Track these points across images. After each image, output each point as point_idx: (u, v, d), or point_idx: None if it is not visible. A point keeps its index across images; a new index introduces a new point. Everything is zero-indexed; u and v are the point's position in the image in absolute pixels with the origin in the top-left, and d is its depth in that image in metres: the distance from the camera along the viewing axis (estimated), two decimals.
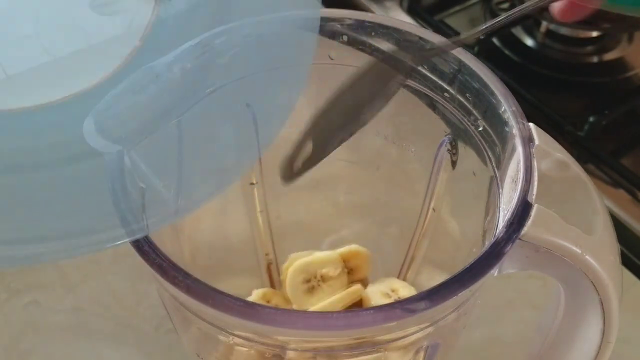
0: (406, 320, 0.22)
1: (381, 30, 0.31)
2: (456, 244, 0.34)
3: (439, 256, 0.37)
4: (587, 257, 0.24)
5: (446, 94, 0.31)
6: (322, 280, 0.34)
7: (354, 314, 0.22)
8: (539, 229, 0.23)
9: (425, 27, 0.58)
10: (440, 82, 0.31)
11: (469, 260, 0.22)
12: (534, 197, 0.24)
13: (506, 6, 0.65)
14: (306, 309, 0.33)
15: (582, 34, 0.61)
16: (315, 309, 0.33)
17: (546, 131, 0.27)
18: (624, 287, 0.26)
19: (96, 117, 0.26)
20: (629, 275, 0.45)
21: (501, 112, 0.27)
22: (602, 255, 0.25)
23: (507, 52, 0.62)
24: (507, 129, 0.27)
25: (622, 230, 0.47)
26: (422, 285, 0.37)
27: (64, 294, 0.43)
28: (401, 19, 0.62)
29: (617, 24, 0.55)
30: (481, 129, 0.29)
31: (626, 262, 0.47)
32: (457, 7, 0.66)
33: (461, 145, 0.32)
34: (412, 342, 0.25)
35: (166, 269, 0.22)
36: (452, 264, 0.34)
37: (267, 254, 0.40)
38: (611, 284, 0.25)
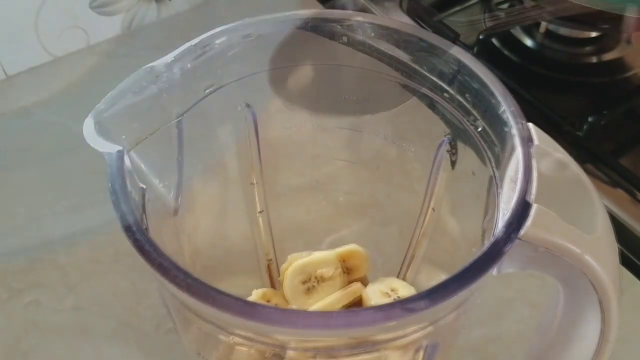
0: (406, 319, 0.22)
1: (381, 31, 0.31)
2: (456, 243, 0.34)
3: (439, 256, 0.37)
4: (586, 256, 0.24)
5: (446, 94, 0.31)
6: (320, 281, 0.34)
7: (353, 314, 0.22)
8: (538, 229, 0.23)
9: (424, 28, 0.58)
10: (439, 82, 0.31)
11: (469, 259, 0.22)
12: (533, 197, 0.24)
13: (505, 6, 0.65)
14: (305, 309, 0.34)
15: (581, 34, 0.61)
16: (314, 308, 0.33)
17: (545, 131, 0.27)
18: (623, 286, 0.26)
19: (96, 117, 0.26)
20: (628, 275, 0.45)
21: (500, 112, 0.27)
22: (601, 255, 0.25)
23: (506, 52, 0.62)
24: (506, 129, 0.27)
25: (621, 230, 0.47)
26: (421, 284, 0.37)
27: (65, 294, 0.43)
28: (401, 19, 0.62)
29: (616, 24, 0.55)
30: (480, 129, 0.29)
31: (625, 261, 0.47)
32: (457, 8, 0.67)
33: (461, 145, 0.32)
34: (412, 341, 0.25)
35: (167, 268, 0.22)
36: (452, 263, 0.34)
37: (267, 254, 0.40)
38: (610, 283, 0.25)
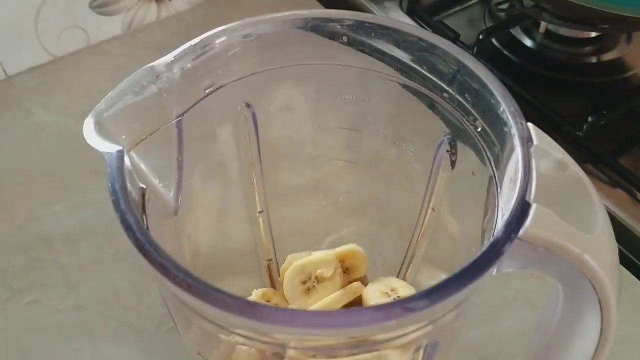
0: (406, 319, 0.22)
1: (381, 30, 0.31)
2: (455, 243, 0.34)
3: (438, 255, 0.37)
4: (585, 256, 0.24)
5: (445, 94, 0.31)
6: (319, 281, 0.34)
7: (353, 313, 0.22)
8: (538, 229, 0.23)
9: (424, 28, 0.58)
10: (439, 82, 0.31)
11: (468, 259, 0.23)
12: (533, 196, 0.24)
13: (505, 7, 0.65)
14: (305, 309, 0.34)
15: (580, 34, 0.61)
16: (314, 308, 0.33)
17: (545, 131, 0.27)
18: (622, 286, 0.26)
19: (96, 117, 0.27)
20: (628, 274, 0.45)
21: (500, 112, 0.27)
22: (600, 254, 0.25)
23: (506, 52, 0.62)
24: (505, 129, 0.27)
25: (620, 229, 0.47)
26: (421, 284, 0.37)
27: (66, 293, 0.43)
28: (401, 19, 0.62)
29: (616, 24, 0.55)
30: (480, 129, 0.29)
31: (625, 261, 0.47)
32: (457, 8, 0.67)
33: (460, 145, 0.32)
34: (412, 340, 0.25)
35: (167, 268, 0.22)
36: (451, 263, 0.34)
37: (267, 254, 0.40)
38: (609, 283, 0.25)
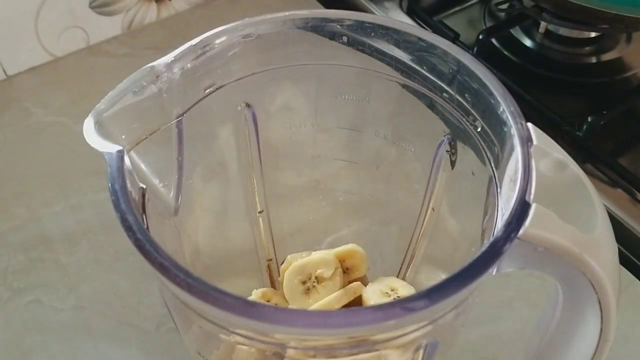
0: (405, 319, 0.22)
1: (381, 31, 0.31)
2: (455, 243, 0.34)
3: (438, 255, 0.37)
4: (585, 256, 0.24)
5: (445, 94, 0.31)
6: (319, 281, 0.34)
7: (353, 313, 0.22)
8: (537, 228, 0.23)
9: (424, 28, 0.58)
10: (439, 82, 0.31)
11: (468, 259, 0.23)
12: (532, 196, 0.24)
13: (505, 7, 0.65)
14: (305, 309, 0.34)
15: (580, 34, 0.61)
16: (314, 308, 0.33)
17: (545, 131, 0.27)
18: (621, 286, 0.26)
19: (96, 117, 0.27)
20: (627, 274, 0.45)
21: (500, 112, 0.27)
22: (600, 254, 0.25)
23: (506, 52, 0.62)
24: (505, 129, 0.27)
25: (620, 229, 0.47)
26: (421, 284, 0.37)
27: (66, 293, 0.43)
28: (400, 19, 0.62)
29: (616, 24, 0.55)
30: (480, 129, 0.29)
31: (624, 261, 0.47)
32: (457, 8, 0.67)
33: (460, 145, 0.32)
34: (411, 340, 0.25)
35: (168, 267, 0.22)
36: (451, 263, 0.34)
37: (267, 254, 0.40)
38: (609, 282, 0.25)
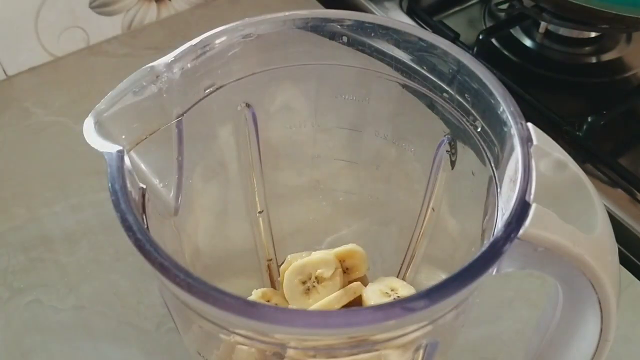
0: (405, 319, 0.22)
1: (381, 31, 0.31)
2: (455, 243, 0.34)
3: (438, 255, 0.37)
4: (585, 256, 0.24)
5: (445, 95, 0.31)
6: (319, 281, 0.34)
7: (353, 313, 0.22)
8: (537, 228, 0.23)
9: (424, 28, 0.58)
10: (439, 82, 0.31)
11: (468, 259, 0.23)
12: (532, 196, 0.24)
13: (505, 7, 0.65)
14: (305, 309, 0.34)
15: (580, 34, 0.61)
16: (314, 308, 0.33)
17: (545, 131, 0.27)
18: (621, 286, 0.26)
19: (96, 117, 0.27)
20: (627, 274, 0.45)
21: (500, 112, 0.27)
22: (600, 254, 0.25)
23: (506, 52, 0.62)
24: (505, 129, 0.27)
25: (620, 229, 0.47)
26: (421, 284, 0.37)
27: (66, 293, 0.43)
28: (400, 19, 0.62)
29: (616, 24, 0.55)
30: (480, 129, 0.29)
31: (624, 261, 0.47)
32: (457, 8, 0.67)
33: (460, 145, 0.32)
34: (411, 340, 0.25)
35: (168, 267, 0.22)
36: (451, 263, 0.34)
37: (267, 254, 0.40)
38: (609, 282, 0.25)
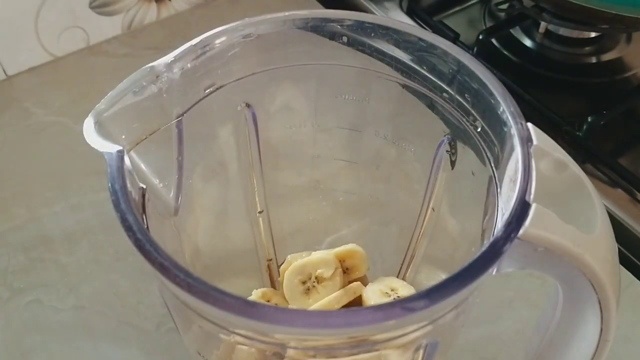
0: (405, 319, 0.22)
1: (381, 31, 0.31)
2: (455, 243, 0.34)
3: (438, 255, 0.37)
4: (585, 256, 0.24)
5: (445, 95, 0.31)
6: (318, 281, 0.34)
7: (353, 313, 0.22)
8: (537, 228, 0.23)
9: (424, 28, 0.58)
10: (439, 82, 0.31)
11: (468, 259, 0.23)
12: (532, 196, 0.24)
13: (505, 7, 0.65)
14: (305, 309, 0.34)
15: (580, 34, 0.61)
16: (314, 308, 0.33)
17: (545, 131, 0.27)
18: (621, 286, 0.26)
19: (96, 117, 0.27)
20: (627, 274, 0.45)
21: (500, 112, 0.27)
22: (600, 254, 0.25)
23: (506, 52, 0.62)
24: (505, 129, 0.27)
25: (620, 229, 0.47)
26: (421, 284, 0.37)
27: (66, 293, 0.43)
28: (401, 19, 0.62)
29: (616, 24, 0.55)
30: (480, 129, 0.29)
31: (624, 261, 0.47)
32: (457, 8, 0.67)
33: (460, 145, 0.32)
34: (411, 340, 0.25)
35: (168, 267, 0.22)
36: (451, 263, 0.34)
37: (267, 254, 0.40)
38: (609, 282, 0.25)
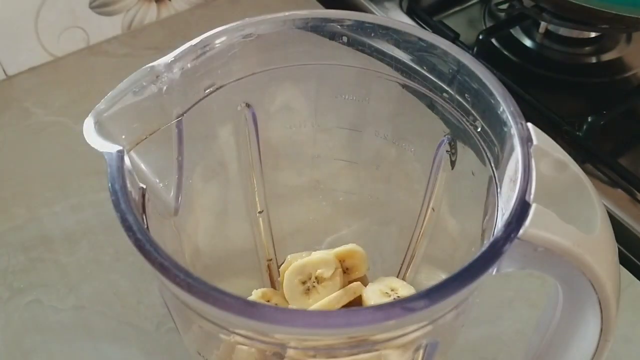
0: (405, 319, 0.22)
1: (381, 31, 0.31)
2: (455, 243, 0.34)
3: (438, 255, 0.37)
4: (585, 256, 0.24)
5: (445, 95, 0.31)
6: (318, 281, 0.34)
7: (353, 313, 0.22)
8: (537, 228, 0.23)
9: (424, 28, 0.58)
10: (439, 82, 0.31)
11: (468, 259, 0.23)
12: (532, 196, 0.24)
13: (505, 7, 0.65)
14: (304, 310, 0.34)
15: (580, 34, 0.61)
16: (314, 308, 0.33)
17: (545, 131, 0.27)
18: (621, 286, 0.26)
19: (96, 117, 0.27)
20: (627, 274, 0.45)
21: (500, 112, 0.27)
22: (600, 254, 0.25)
23: (506, 52, 0.62)
24: (505, 129, 0.27)
25: (620, 229, 0.47)
26: (421, 284, 0.37)
27: (66, 293, 0.43)
28: (400, 19, 0.62)
29: (616, 24, 0.55)
30: (480, 129, 0.29)
31: (624, 261, 0.47)
32: (457, 8, 0.67)
33: (460, 145, 0.32)
34: (411, 340, 0.25)
35: (167, 267, 0.22)
36: (451, 263, 0.34)
37: (267, 254, 0.40)
38: (609, 282, 0.25)
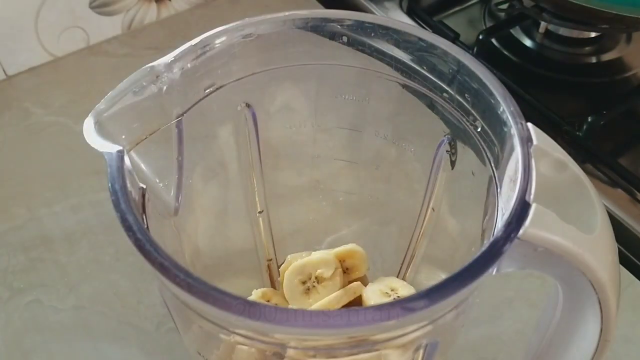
0: (405, 318, 0.22)
1: (381, 31, 0.31)
2: (455, 243, 0.34)
3: (438, 255, 0.37)
4: (585, 256, 0.24)
5: (445, 95, 0.31)
6: (318, 281, 0.34)
7: (353, 313, 0.22)
8: (537, 228, 0.23)
9: (424, 28, 0.58)
10: (439, 82, 0.31)
11: (468, 259, 0.23)
12: (532, 196, 0.24)
13: (505, 7, 0.65)
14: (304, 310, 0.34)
15: (580, 34, 0.61)
16: (314, 308, 0.33)
17: (545, 131, 0.27)
18: (621, 286, 0.26)
19: (96, 117, 0.27)
20: (627, 274, 0.45)
21: (500, 112, 0.27)
22: (600, 254, 0.25)
23: (506, 52, 0.62)
24: (505, 129, 0.27)
25: (620, 229, 0.47)
26: (421, 284, 0.37)
27: (66, 293, 0.43)
28: (401, 19, 0.62)
29: (616, 24, 0.55)
30: (480, 129, 0.29)
31: (624, 261, 0.47)
32: (457, 8, 0.67)
33: (460, 145, 0.32)
34: (411, 340, 0.25)
35: (167, 267, 0.22)
36: (451, 262, 0.34)
37: (267, 254, 0.40)
38: (609, 282, 0.25)
